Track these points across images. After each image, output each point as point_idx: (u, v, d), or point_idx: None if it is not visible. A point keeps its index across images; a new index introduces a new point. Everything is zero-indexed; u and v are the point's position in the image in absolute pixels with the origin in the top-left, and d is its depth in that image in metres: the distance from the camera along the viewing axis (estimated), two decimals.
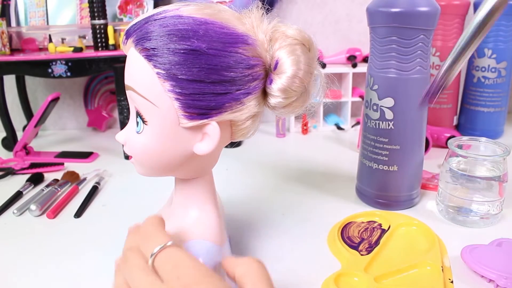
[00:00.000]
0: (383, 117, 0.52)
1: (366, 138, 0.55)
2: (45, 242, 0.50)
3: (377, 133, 0.54)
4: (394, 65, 0.50)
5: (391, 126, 0.52)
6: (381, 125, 0.53)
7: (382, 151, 0.54)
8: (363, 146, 0.57)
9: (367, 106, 0.54)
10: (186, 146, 0.33)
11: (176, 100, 0.30)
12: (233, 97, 0.31)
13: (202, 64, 0.30)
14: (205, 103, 0.30)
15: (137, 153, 0.34)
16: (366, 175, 0.57)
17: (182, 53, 0.29)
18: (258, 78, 0.32)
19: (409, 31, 0.48)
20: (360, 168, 0.58)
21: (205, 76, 0.30)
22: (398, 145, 0.53)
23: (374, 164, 0.55)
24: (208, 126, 0.31)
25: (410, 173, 0.55)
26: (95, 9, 0.72)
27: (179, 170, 0.35)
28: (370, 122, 0.54)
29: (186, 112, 0.31)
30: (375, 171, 0.55)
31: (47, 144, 0.87)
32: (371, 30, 0.52)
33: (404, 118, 0.52)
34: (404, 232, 0.50)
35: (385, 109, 0.52)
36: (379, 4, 0.50)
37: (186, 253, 0.28)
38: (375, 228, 0.50)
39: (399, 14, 0.48)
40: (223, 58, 0.30)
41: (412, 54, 0.49)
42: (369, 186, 0.57)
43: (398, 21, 0.48)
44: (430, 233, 0.48)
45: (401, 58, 0.50)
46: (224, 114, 0.31)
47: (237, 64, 0.31)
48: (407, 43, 0.49)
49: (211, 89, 0.30)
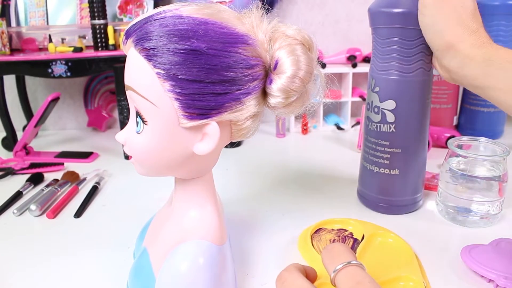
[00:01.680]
0: (384, 120, 0.52)
1: (368, 141, 0.55)
2: (45, 242, 0.50)
3: (378, 136, 0.53)
4: (395, 67, 0.50)
5: (393, 129, 0.52)
6: (382, 128, 0.52)
7: (383, 154, 0.53)
8: (364, 149, 0.56)
9: (369, 109, 0.54)
10: (186, 146, 0.33)
11: (176, 100, 0.30)
12: (233, 97, 0.31)
13: (202, 64, 0.29)
14: (205, 103, 0.30)
15: (137, 153, 0.34)
16: (367, 179, 0.56)
17: (182, 53, 0.29)
18: (258, 78, 0.32)
19: (411, 31, 0.48)
20: (362, 171, 0.58)
21: (205, 76, 0.30)
22: (399, 148, 0.52)
23: (375, 168, 0.54)
24: (208, 126, 0.31)
25: (412, 177, 0.54)
26: (95, 9, 0.72)
27: (179, 170, 0.35)
28: (372, 124, 0.53)
29: (186, 112, 0.31)
30: (376, 175, 0.54)
31: (47, 144, 0.87)
32: (373, 31, 0.52)
33: (406, 121, 0.51)
34: (380, 243, 0.47)
35: (387, 111, 0.51)
36: (381, 4, 0.49)
37: (368, 274, 0.31)
38: (346, 237, 0.48)
39: (401, 14, 0.47)
40: (223, 58, 0.30)
41: (414, 55, 0.49)
42: (370, 189, 0.56)
43: (400, 22, 0.48)
44: (407, 248, 0.46)
45: (403, 60, 0.49)
46: (224, 114, 0.31)
47: (237, 64, 0.31)
48: (409, 44, 0.48)
49: (211, 89, 0.30)
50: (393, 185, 0.54)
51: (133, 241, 0.46)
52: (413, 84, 0.50)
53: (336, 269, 0.31)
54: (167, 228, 0.38)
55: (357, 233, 0.49)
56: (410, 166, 0.53)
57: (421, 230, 0.51)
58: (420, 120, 0.52)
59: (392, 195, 0.55)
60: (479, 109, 0.82)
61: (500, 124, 0.84)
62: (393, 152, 0.52)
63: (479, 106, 0.82)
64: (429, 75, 0.51)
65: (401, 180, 0.54)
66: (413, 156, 0.53)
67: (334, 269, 0.31)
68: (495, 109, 0.81)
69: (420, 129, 0.52)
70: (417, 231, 0.51)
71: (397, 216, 0.55)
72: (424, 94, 0.51)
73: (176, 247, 0.35)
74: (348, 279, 0.30)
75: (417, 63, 0.49)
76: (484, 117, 0.82)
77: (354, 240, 0.48)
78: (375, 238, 0.48)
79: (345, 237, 0.48)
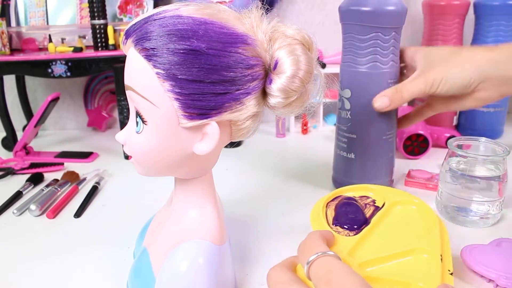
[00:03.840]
0: (343, 107, 0.58)
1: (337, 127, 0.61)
2: (45, 242, 0.50)
3: (339, 121, 0.59)
4: (351, 59, 0.55)
5: (349, 115, 0.57)
6: (342, 114, 0.58)
7: (342, 138, 0.59)
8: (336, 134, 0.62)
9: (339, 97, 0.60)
10: (185, 146, 0.33)
11: (175, 100, 0.30)
12: (232, 97, 0.31)
13: (201, 64, 0.30)
14: (205, 103, 0.30)
15: (137, 153, 0.34)
16: (335, 162, 0.62)
17: (181, 53, 0.29)
18: (257, 78, 0.32)
19: (363, 28, 0.52)
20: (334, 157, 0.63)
21: (205, 76, 0.30)
22: (354, 134, 0.57)
23: (337, 150, 0.60)
24: (208, 126, 0.31)
25: (368, 162, 0.58)
26: (95, 9, 0.72)
27: (179, 170, 0.35)
28: (338, 111, 0.60)
29: (185, 112, 0.31)
30: (338, 156, 0.60)
31: (47, 144, 0.87)
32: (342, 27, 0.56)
33: (359, 109, 0.56)
34: (400, 211, 0.44)
35: (345, 99, 0.57)
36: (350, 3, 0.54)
37: (343, 262, 0.29)
38: (367, 205, 0.45)
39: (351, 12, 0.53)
40: (223, 58, 0.30)
41: (366, 49, 0.53)
42: (336, 171, 0.62)
43: (354, 20, 0.53)
44: (432, 214, 0.42)
45: (356, 53, 0.54)
46: (224, 114, 0.31)
47: (236, 64, 0.31)
48: (361, 39, 0.53)
49: (211, 89, 0.30)
50: (350, 168, 0.59)
51: (133, 241, 0.47)
52: (366, 76, 0.54)
53: (309, 261, 0.30)
54: (167, 228, 0.38)
55: (379, 200, 0.45)
56: (365, 152, 0.57)
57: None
58: (374, 110, 0.55)
59: (351, 178, 0.59)
60: (479, 109, 0.82)
61: (500, 124, 0.84)
62: (349, 137, 0.58)
63: None
64: (382, 69, 0.54)
65: (357, 164, 0.58)
66: (367, 142, 0.57)
67: (306, 262, 0.30)
68: (495, 109, 0.81)
69: (374, 118, 0.56)
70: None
71: None
72: (380, 86, 0.54)
73: (176, 247, 0.35)
74: (319, 269, 0.29)
75: (369, 57, 0.53)
76: (484, 117, 0.82)
77: (375, 208, 0.44)
78: (395, 205, 0.44)
79: (366, 205, 0.45)
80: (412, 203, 0.45)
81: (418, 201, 0.45)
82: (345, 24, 0.55)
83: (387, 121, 0.57)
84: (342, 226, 0.41)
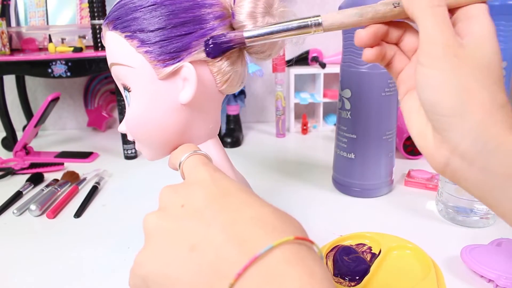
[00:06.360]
0: (343, 107, 0.58)
1: (337, 126, 0.61)
2: (45, 242, 0.50)
3: (339, 121, 0.59)
4: (352, 59, 0.55)
5: (349, 115, 0.57)
6: (342, 114, 0.58)
7: (343, 138, 0.59)
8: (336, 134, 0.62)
9: (339, 97, 0.60)
10: (172, 100, 0.33)
11: (146, 53, 0.32)
12: (198, 35, 0.32)
13: (161, 13, 0.32)
14: (173, 46, 0.32)
15: (132, 124, 0.35)
16: (335, 162, 0.62)
17: (141, 11, 0.32)
18: (220, 17, 0.33)
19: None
20: (334, 157, 0.63)
21: (166, 22, 0.32)
22: (354, 134, 0.57)
23: (337, 150, 0.60)
24: (184, 69, 0.32)
25: (368, 162, 0.58)
26: (95, 9, 0.72)
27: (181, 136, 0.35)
28: (338, 111, 0.60)
29: (158, 61, 0.32)
30: (338, 156, 0.60)
31: (47, 144, 0.87)
32: None
33: (360, 110, 0.56)
34: (396, 257, 0.45)
35: (345, 99, 0.57)
36: (350, 3, 0.53)
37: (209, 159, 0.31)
38: (364, 252, 0.46)
39: None
40: (179, 4, 0.32)
41: None
42: (336, 171, 0.62)
43: None
44: (426, 259, 0.44)
45: (356, 53, 0.54)
46: (194, 53, 0.32)
47: (194, 5, 0.32)
48: None
49: (175, 32, 0.32)
50: (350, 168, 0.59)
51: (133, 241, 0.47)
52: (366, 76, 0.54)
53: (181, 161, 0.31)
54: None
55: (375, 246, 0.47)
56: (365, 152, 0.57)
57: (421, 230, 0.51)
58: (375, 110, 0.56)
59: (351, 178, 0.59)
60: None
61: None
62: (349, 137, 0.58)
63: None
64: (384, 69, 0.53)
65: (357, 164, 0.58)
66: (367, 142, 0.57)
67: (178, 163, 0.31)
68: None
69: (374, 118, 0.56)
70: (417, 231, 0.51)
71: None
72: (380, 87, 0.55)
73: None
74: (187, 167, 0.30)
75: None
76: None
77: (372, 254, 0.46)
78: (391, 251, 0.46)
79: (363, 252, 0.46)
80: (407, 247, 0.46)
81: (412, 245, 0.46)
82: None
83: (387, 121, 0.57)
84: (344, 278, 0.42)
